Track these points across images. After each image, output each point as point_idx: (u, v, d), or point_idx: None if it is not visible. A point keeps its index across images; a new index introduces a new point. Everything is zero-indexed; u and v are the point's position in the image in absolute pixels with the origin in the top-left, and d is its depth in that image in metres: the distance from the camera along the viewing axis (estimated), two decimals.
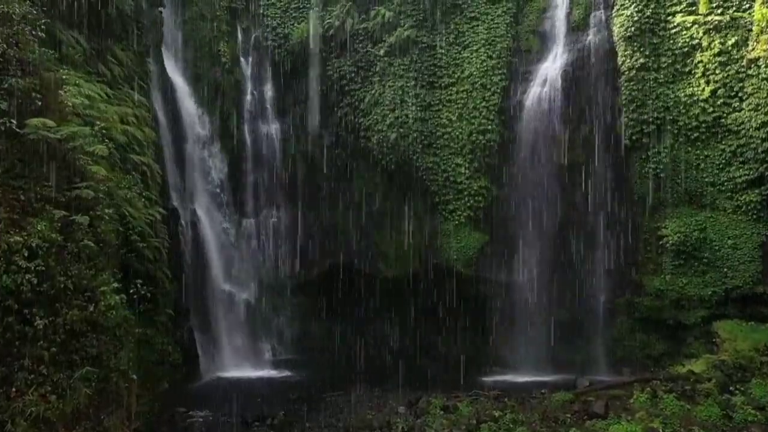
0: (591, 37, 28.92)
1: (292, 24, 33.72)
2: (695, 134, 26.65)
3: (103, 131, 15.60)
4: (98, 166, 13.68)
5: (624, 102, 27.54)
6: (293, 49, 33.32)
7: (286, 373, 29.43)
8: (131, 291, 16.86)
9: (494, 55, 30.32)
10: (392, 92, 31.06)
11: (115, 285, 12.48)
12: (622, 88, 27.65)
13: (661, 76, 27.15)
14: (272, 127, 33.92)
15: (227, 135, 32.48)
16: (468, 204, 29.68)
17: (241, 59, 34.05)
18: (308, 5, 33.86)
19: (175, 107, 29.28)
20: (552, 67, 29.35)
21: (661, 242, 26.74)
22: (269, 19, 34.05)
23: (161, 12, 29.59)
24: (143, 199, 21.96)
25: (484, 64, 30.30)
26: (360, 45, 32.24)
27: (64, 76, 15.78)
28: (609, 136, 28.07)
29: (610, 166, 28.08)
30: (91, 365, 10.34)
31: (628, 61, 27.55)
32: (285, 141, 33.74)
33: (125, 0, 22.44)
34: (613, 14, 28.39)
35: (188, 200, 28.99)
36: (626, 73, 27.59)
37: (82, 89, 17.12)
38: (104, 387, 10.62)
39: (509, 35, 30.68)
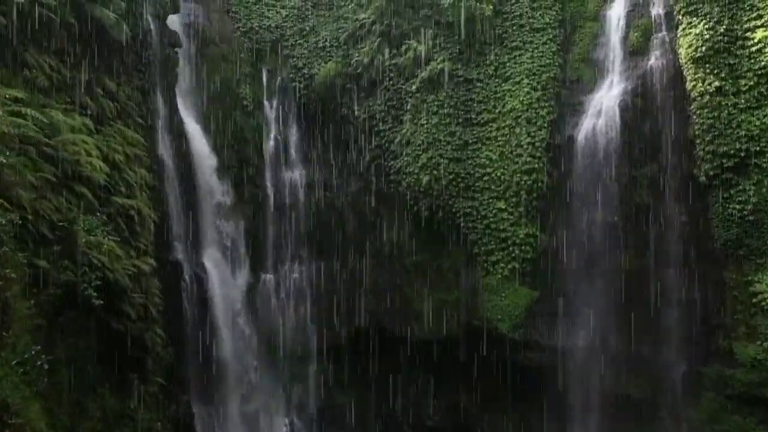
0: (653, 61, 25.21)
1: (319, 64, 31.35)
2: None
3: None
4: None
5: (698, 132, 23.38)
6: (319, 89, 30.80)
7: None
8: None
9: (539, 87, 26.90)
10: (425, 131, 27.88)
11: None
12: (695, 117, 23.54)
13: (742, 101, 22.92)
14: (296, 174, 31.07)
15: (246, 182, 29.76)
16: (513, 255, 25.73)
17: (265, 102, 31.69)
18: (336, 44, 31.57)
19: (186, 151, 26.79)
20: (607, 96, 25.69)
21: (754, 300, 21.90)
22: (295, 59, 31.85)
23: (176, 52, 27.67)
24: (129, 248, 19.10)
25: (529, 96, 26.85)
26: (390, 82, 29.47)
27: None
28: (681, 173, 23.97)
29: (684, 208, 23.84)
30: None
31: (700, 85, 23.51)
32: (309, 188, 30.79)
33: (120, 29, 20.16)
34: (679, 35, 24.62)
35: (196, 252, 26.00)
36: (698, 99, 23.51)
37: (37, 114, 14.43)
38: None
39: (556, 64, 27.36)
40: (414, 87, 28.58)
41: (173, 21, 28.24)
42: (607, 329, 24.06)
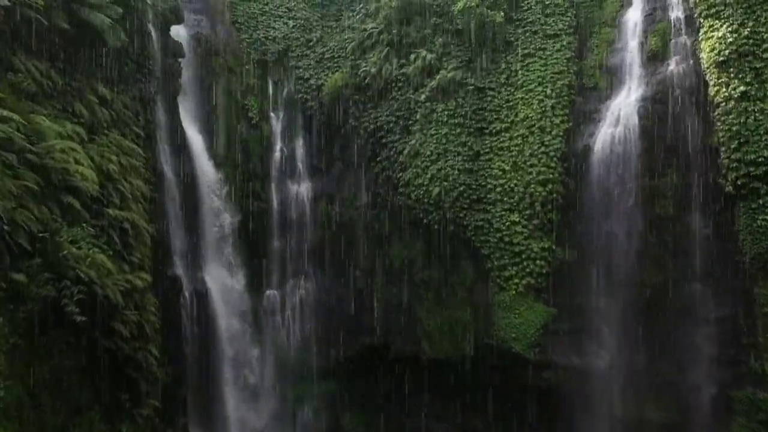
0: (673, 66, 24.06)
1: (326, 75, 30.60)
2: None
3: None
4: None
5: (722, 140, 22.10)
6: (326, 101, 30.01)
7: None
8: None
9: (553, 94, 25.86)
10: (434, 141, 26.89)
11: None
12: (719, 124, 22.29)
13: None
14: (302, 187, 30.23)
15: (251, 195, 28.94)
16: (528, 269, 24.52)
17: (271, 114, 31.00)
18: (343, 54, 30.82)
19: (189, 163, 26.01)
20: (625, 103, 24.52)
21: None
22: (301, 70, 31.18)
23: (179, 62, 27.03)
24: (122, 262, 18.20)
25: (542, 104, 25.80)
26: (399, 92, 28.56)
27: None
28: (705, 183, 22.62)
29: (710, 219, 22.47)
30: None
31: (724, 90, 22.28)
32: (316, 201, 29.89)
33: (116, 35, 19.44)
34: (700, 38, 23.47)
35: (197, 268, 25.05)
36: (722, 105, 22.28)
37: (20, 119, 13.59)
38: None
39: (570, 71, 26.34)
40: (423, 96, 27.66)
41: (178, 32, 27.64)
42: (629, 348, 22.66)
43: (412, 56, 28.46)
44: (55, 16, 17.18)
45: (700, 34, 23.49)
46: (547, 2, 27.58)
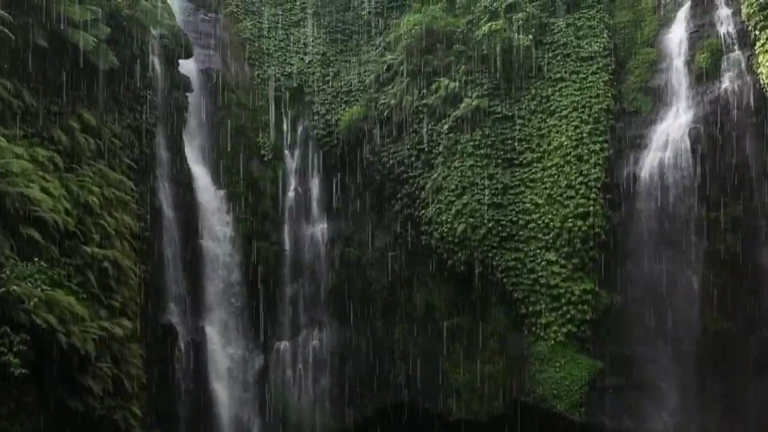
0: (726, 84, 21.60)
1: (343, 109, 28.77)
2: None
3: None
4: None
5: None
6: (343, 136, 28.11)
7: None
8: None
9: (590, 120, 23.55)
10: (459, 174, 24.57)
11: None
12: None
13: None
14: (317, 228, 28.03)
15: (261, 237, 26.79)
16: (568, 316, 21.68)
17: (285, 152, 29.15)
18: (361, 87, 29.07)
19: (192, 201, 24.12)
20: (674, 126, 22.06)
21: None
22: (318, 106, 29.45)
23: (186, 96, 25.56)
24: (98, 307, 15.97)
25: (578, 130, 23.45)
26: (420, 124, 26.51)
27: None
28: None
29: None
30: None
31: None
32: (332, 244, 27.58)
33: (104, 57, 17.85)
34: (757, 52, 21.04)
35: (196, 316, 22.71)
36: None
37: None
38: None
39: (608, 95, 24.09)
40: (446, 127, 25.57)
41: (187, 66, 26.32)
42: (694, 409, 19.31)
43: (434, 85, 26.48)
44: (32, 33, 15.58)
45: (757, 47, 21.08)
46: (579, 24, 25.59)
